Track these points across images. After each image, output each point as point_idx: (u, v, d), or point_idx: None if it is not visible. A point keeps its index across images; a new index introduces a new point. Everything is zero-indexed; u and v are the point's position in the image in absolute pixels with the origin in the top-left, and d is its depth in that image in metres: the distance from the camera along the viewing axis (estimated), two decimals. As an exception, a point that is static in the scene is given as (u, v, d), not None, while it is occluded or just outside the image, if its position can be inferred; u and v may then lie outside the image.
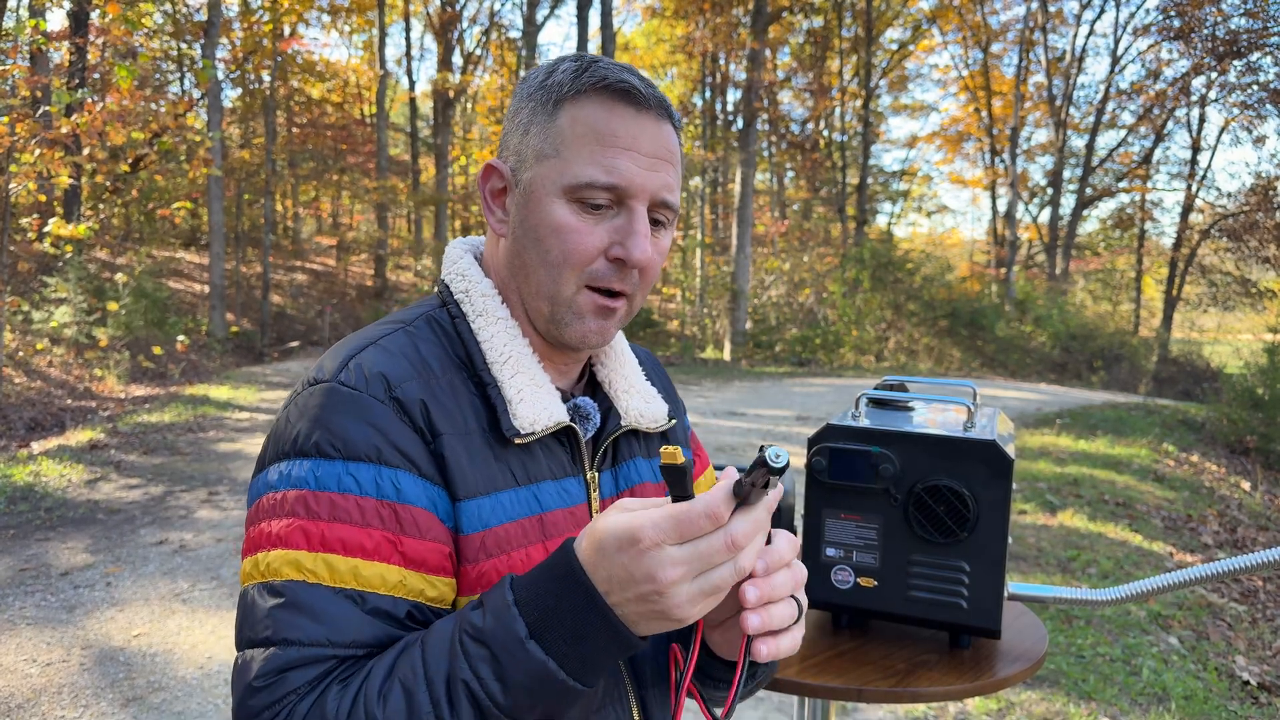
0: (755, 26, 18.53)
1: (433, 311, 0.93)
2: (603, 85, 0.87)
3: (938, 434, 1.23)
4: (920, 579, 1.25)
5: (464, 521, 0.82)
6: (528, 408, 0.87)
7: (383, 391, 0.82)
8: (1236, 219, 20.07)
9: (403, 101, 27.08)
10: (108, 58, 14.58)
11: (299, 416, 0.82)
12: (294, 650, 0.73)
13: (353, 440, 0.79)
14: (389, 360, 0.84)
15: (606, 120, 0.86)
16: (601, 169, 0.85)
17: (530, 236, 0.88)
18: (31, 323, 10.69)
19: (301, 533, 0.77)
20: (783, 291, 20.43)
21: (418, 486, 0.80)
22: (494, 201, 0.93)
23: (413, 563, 0.79)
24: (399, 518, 0.78)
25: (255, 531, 0.80)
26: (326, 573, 0.76)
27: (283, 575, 0.76)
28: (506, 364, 0.88)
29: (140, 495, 5.81)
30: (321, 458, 0.79)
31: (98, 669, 3.42)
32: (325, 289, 21.33)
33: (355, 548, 0.77)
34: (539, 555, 0.85)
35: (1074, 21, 25.32)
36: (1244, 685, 3.69)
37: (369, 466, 0.79)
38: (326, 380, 0.82)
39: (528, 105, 0.90)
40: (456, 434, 0.84)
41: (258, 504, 0.81)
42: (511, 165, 0.91)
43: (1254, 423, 10.16)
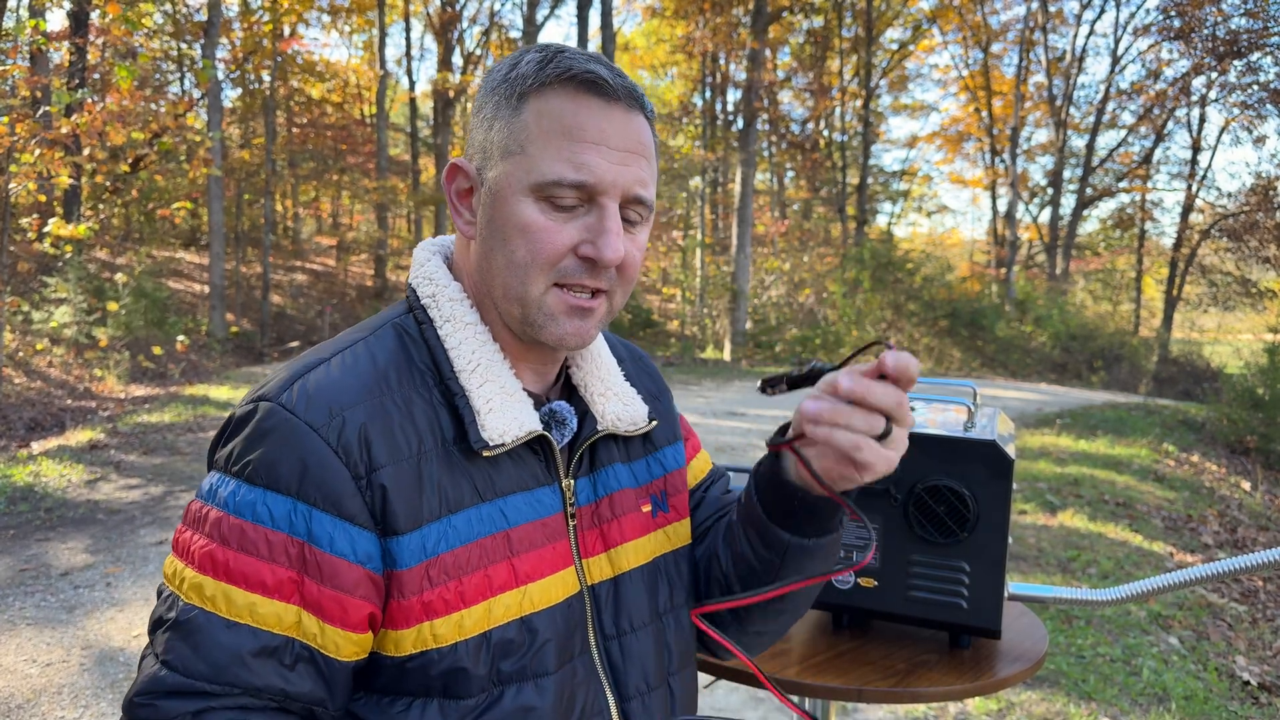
0: (755, 26, 18.53)
1: (399, 319, 0.89)
2: (568, 76, 0.82)
3: (938, 434, 1.23)
4: (920, 579, 1.25)
5: (401, 556, 0.79)
6: (497, 418, 0.84)
7: (322, 419, 0.78)
8: (1237, 219, 20.08)
9: (403, 102, 27.09)
10: (108, 58, 14.59)
11: (237, 430, 0.80)
12: (173, 677, 0.74)
13: (276, 470, 0.76)
14: (337, 381, 0.81)
15: (574, 114, 0.82)
16: (570, 166, 0.81)
17: (497, 237, 0.84)
18: (31, 323, 10.69)
19: (210, 559, 0.76)
20: (783, 291, 20.43)
21: (333, 529, 0.77)
22: (460, 202, 0.89)
23: (311, 606, 0.76)
24: (305, 557, 0.76)
25: (181, 536, 0.80)
26: (224, 605, 0.75)
27: (188, 598, 0.76)
28: (475, 372, 0.85)
29: (140, 495, 5.81)
30: (245, 481, 0.77)
31: (97, 669, 3.41)
32: (325, 289, 21.34)
33: (256, 583, 0.75)
34: (502, 574, 0.82)
35: (1074, 21, 25.36)
36: (1244, 685, 3.69)
37: (286, 500, 0.76)
38: (269, 399, 0.79)
39: (491, 100, 0.86)
40: (406, 459, 0.80)
41: (189, 507, 0.81)
42: (476, 164, 0.87)
43: (1254, 423, 10.16)
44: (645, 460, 1.01)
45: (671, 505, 1.02)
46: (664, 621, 0.96)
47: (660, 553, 0.98)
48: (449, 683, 0.80)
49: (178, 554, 0.79)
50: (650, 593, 0.96)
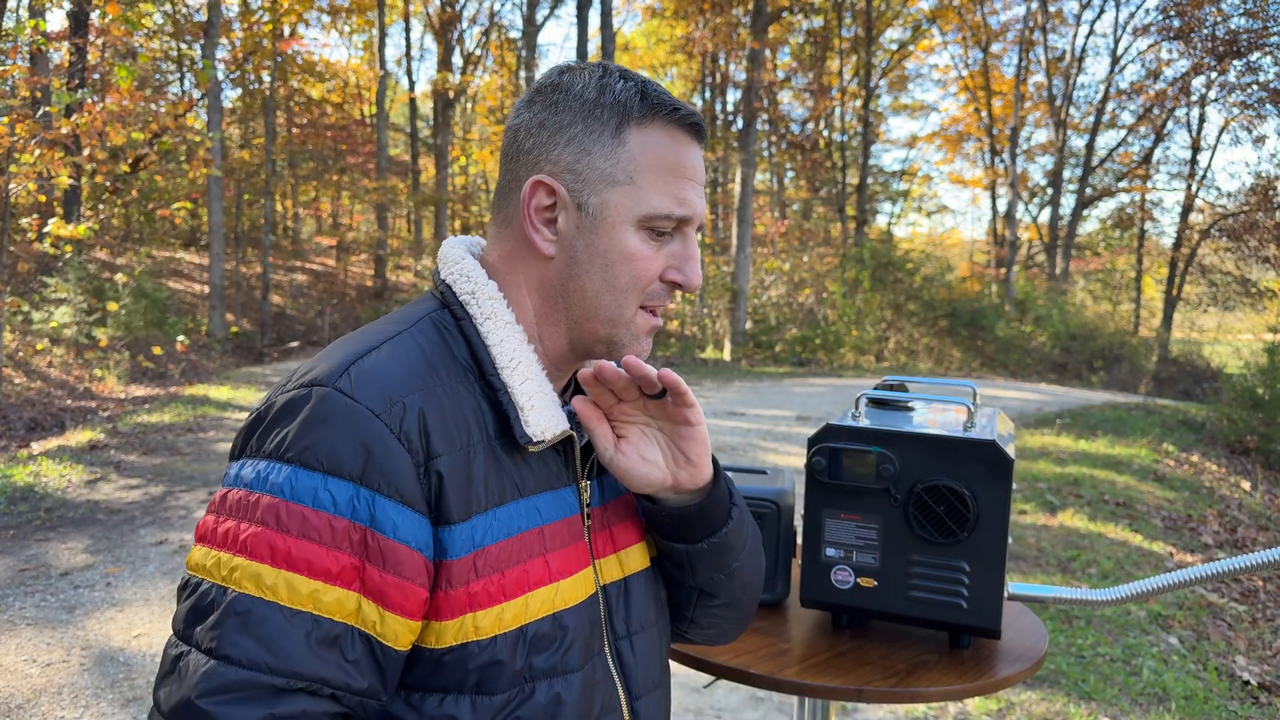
0: (755, 26, 18.54)
1: (435, 313, 0.90)
2: (671, 114, 0.88)
3: (938, 434, 1.23)
4: (920, 579, 1.25)
5: (452, 546, 0.79)
6: (539, 415, 0.85)
7: (381, 405, 0.78)
8: (1236, 219, 20.08)
9: (403, 102, 27.08)
10: (107, 58, 14.58)
11: (287, 416, 0.77)
12: (234, 671, 0.71)
13: (338, 455, 0.75)
14: (391, 368, 0.81)
15: (676, 151, 0.88)
16: (675, 201, 0.88)
17: (598, 261, 0.87)
18: (31, 323, 10.69)
19: (268, 545, 0.74)
20: (783, 291, 20.43)
21: (396, 515, 0.76)
22: (538, 217, 0.89)
23: (372, 593, 0.76)
24: (367, 544, 0.75)
25: (220, 526, 0.76)
26: (286, 593, 0.73)
27: (242, 587, 0.73)
28: (517, 369, 0.86)
29: (140, 495, 5.81)
30: (302, 467, 0.75)
31: (98, 669, 3.41)
32: (325, 289, 21.34)
33: (320, 570, 0.74)
34: (538, 570, 0.84)
35: (1074, 21, 25.35)
36: (1244, 685, 3.69)
37: (348, 485, 0.75)
38: (323, 384, 0.78)
39: (580, 121, 0.87)
40: (459, 449, 0.81)
41: (226, 495, 0.78)
42: (568, 185, 0.87)
43: (1254, 423, 10.16)
44: None
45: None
46: (660, 624, 1.00)
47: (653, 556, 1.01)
48: (483, 678, 0.81)
49: (213, 544, 0.76)
50: (652, 595, 0.99)
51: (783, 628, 1.35)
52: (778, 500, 1.41)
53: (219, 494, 0.79)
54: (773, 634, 1.32)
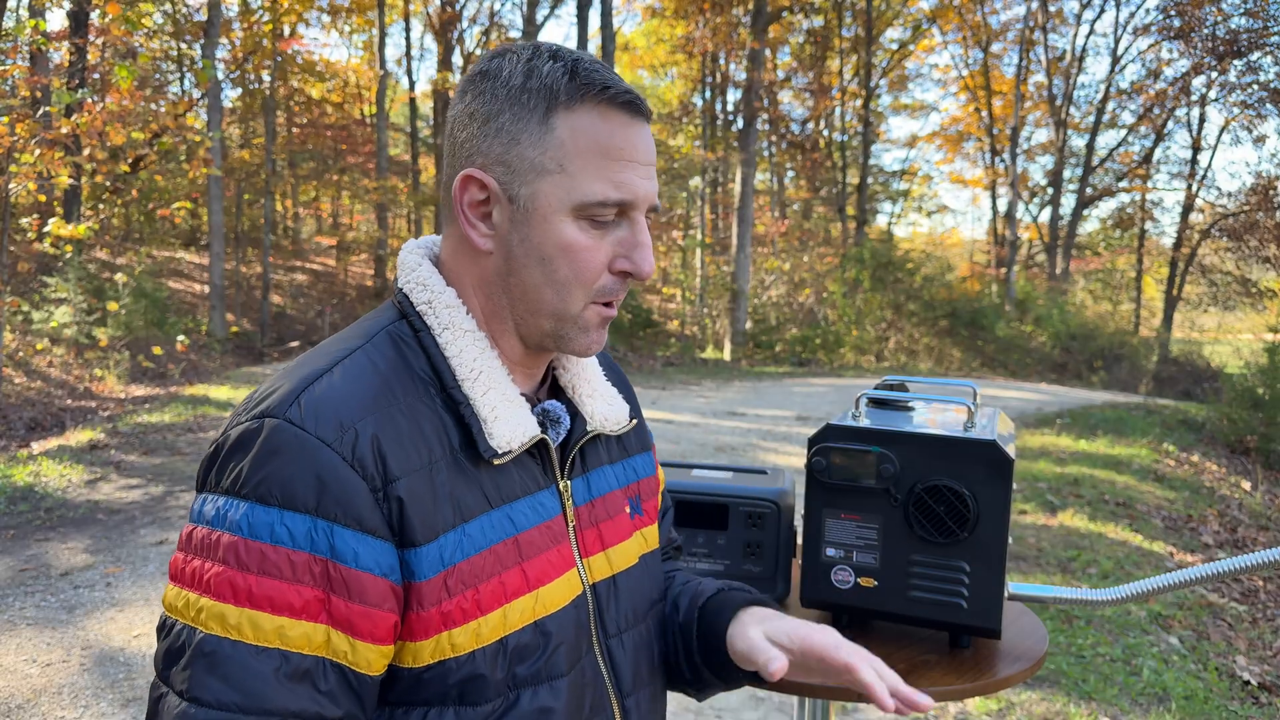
0: (755, 26, 18.54)
1: (392, 326, 0.87)
2: (600, 93, 0.83)
3: (938, 434, 1.23)
4: (920, 579, 1.25)
5: (420, 567, 0.78)
6: (503, 425, 0.84)
7: (333, 433, 0.75)
8: (1237, 218, 20.08)
9: (403, 101, 27.08)
10: (108, 58, 14.59)
11: (240, 450, 0.76)
12: (205, 713, 0.71)
13: (292, 488, 0.74)
14: (343, 391, 0.78)
15: (609, 133, 0.83)
16: (612, 185, 0.83)
17: (534, 255, 0.85)
18: (31, 323, 10.70)
19: (229, 585, 0.73)
20: (783, 291, 20.44)
21: (356, 543, 0.75)
22: (473, 213, 0.86)
23: (340, 623, 0.75)
24: (329, 575, 0.74)
25: (188, 565, 0.76)
26: (250, 631, 0.72)
27: (208, 628, 0.73)
28: (478, 380, 0.84)
29: (140, 495, 5.81)
30: (258, 503, 0.74)
31: (98, 669, 3.42)
32: (325, 289, 21.34)
33: (283, 605, 0.73)
34: (514, 581, 0.83)
35: (1074, 21, 25.39)
36: (1244, 685, 3.69)
37: (305, 518, 0.74)
38: (274, 414, 0.76)
39: (508, 109, 0.83)
40: (418, 469, 0.79)
41: (191, 533, 0.77)
42: (498, 177, 0.84)
43: (1254, 423, 10.16)
44: (624, 463, 1.04)
45: (645, 509, 1.06)
46: (650, 619, 1.00)
47: (641, 553, 1.01)
48: (465, 690, 0.81)
49: (183, 583, 0.75)
50: (644, 591, 0.99)
51: (783, 628, 1.35)
52: (778, 500, 1.41)
53: (185, 530, 0.78)
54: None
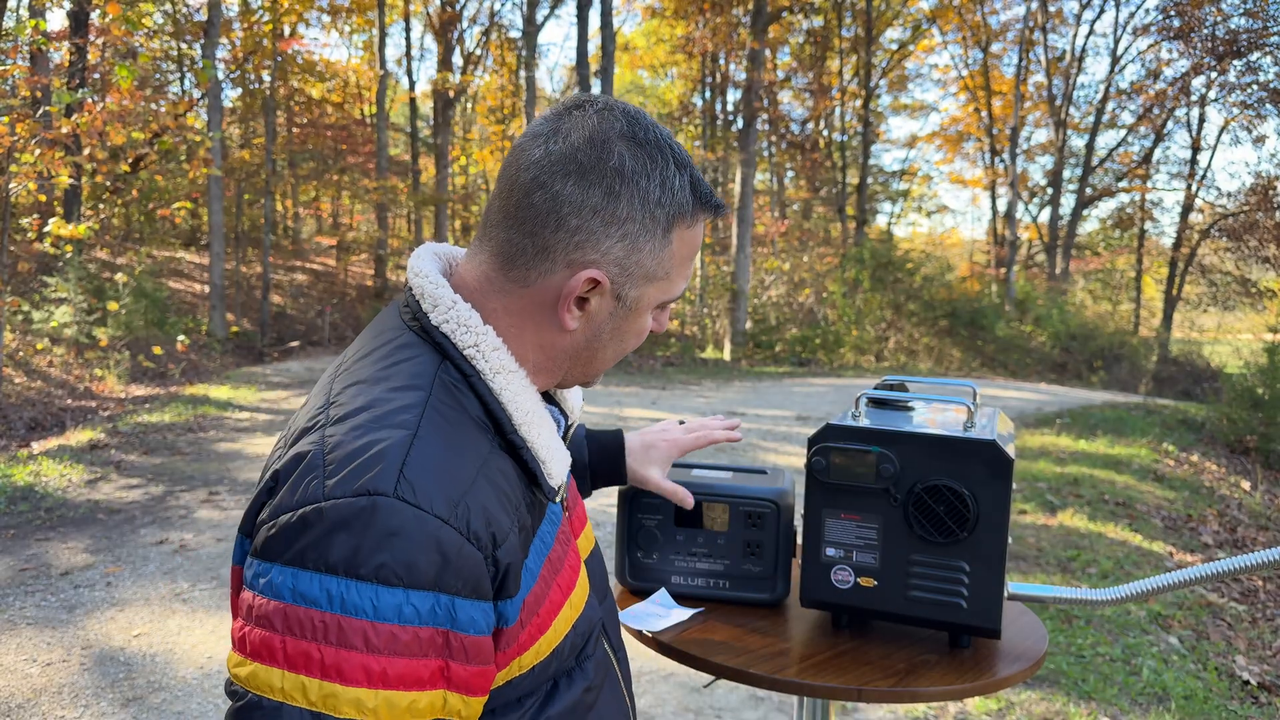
0: (755, 26, 18.54)
1: (441, 371, 0.85)
2: (714, 211, 0.92)
3: (938, 434, 1.24)
4: (920, 579, 1.25)
5: (510, 613, 0.81)
6: (556, 464, 0.88)
7: (446, 509, 0.75)
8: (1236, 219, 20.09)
9: (403, 102, 27.07)
10: (108, 58, 14.59)
11: (349, 527, 0.73)
12: None
13: (415, 567, 0.73)
14: (442, 463, 0.78)
15: (699, 239, 0.93)
16: (684, 280, 0.94)
17: (616, 337, 0.93)
18: (32, 323, 10.70)
19: (363, 670, 0.72)
20: (783, 291, 20.44)
21: (473, 611, 0.77)
22: (575, 300, 0.88)
23: (457, 686, 0.77)
24: (449, 644, 0.76)
25: (288, 645, 0.73)
26: (386, 711, 0.73)
27: (341, 713, 0.72)
28: (531, 423, 0.87)
29: (140, 495, 5.81)
30: (382, 584, 0.72)
31: (98, 669, 3.42)
32: (325, 289, 21.34)
33: (413, 681, 0.74)
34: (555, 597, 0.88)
35: (1074, 21, 25.37)
36: (1244, 685, 3.69)
37: (428, 595, 0.74)
38: (383, 493, 0.74)
39: (638, 219, 0.86)
40: (511, 524, 0.81)
41: (284, 612, 0.73)
42: (613, 277, 0.87)
43: (1254, 422, 10.16)
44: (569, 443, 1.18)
45: None
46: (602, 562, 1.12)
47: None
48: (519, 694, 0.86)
49: (291, 666, 0.72)
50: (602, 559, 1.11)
51: (783, 627, 1.35)
52: (778, 500, 1.41)
53: (268, 606, 0.74)
54: (773, 634, 1.32)
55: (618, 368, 14.63)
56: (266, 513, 0.77)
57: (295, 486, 0.76)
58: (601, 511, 5.57)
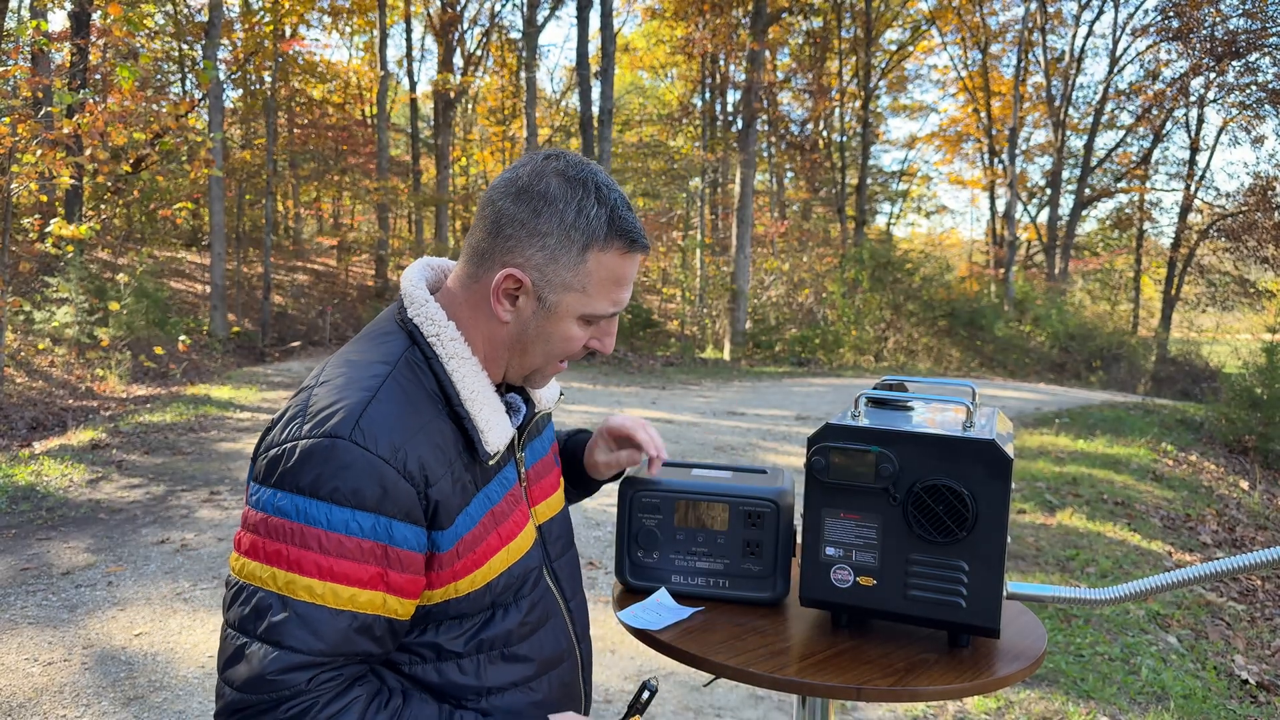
0: (755, 27, 18.54)
1: (408, 351, 1.10)
2: (628, 244, 1.10)
3: (937, 433, 1.24)
4: (919, 578, 1.26)
5: (442, 542, 1.05)
6: (494, 434, 1.10)
7: (389, 451, 1.00)
8: (1235, 219, 20.09)
9: (403, 102, 27.06)
10: (109, 59, 14.59)
11: (315, 460, 0.98)
12: (296, 656, 0.96)
13: (361, 493, 0.98)
14: (390, 418, 1.02)
15: (623, 268, 1.12)
16: (611, 303, 1.13)
17: (541, 337, 1.13)
18: (33, 323, 10.70)
19: (315, 564, 0.97)
20: (782, 291, 20.44)
21: (407, 531, 1.01)
22: (503, 295, 1.11)
23: (394, 590, 1.01)
24: (388, 556, 1.00)
25: (267, 546, 0.98)
26: (331, 598, 0.97)
27: (297, 595, 0.97)
28: (475, 399, 1.09)
29: (142, 495, 5.82)
30: (335, 504, 0.97)
31: (99, 668, 3.43)
32: (326, 289, 21.33)
33: (355, 580, 0.98)
34: (493, 543, 1.11)
35: (1073, 22, 25.32)
36: (1243, 684, 3.70)
37: (369, 515, 0.98)
38: (341, 436, 0.99)
39: (555, 234, 1.08)
40: (444, 475, 1.04)
41: (266, 519, 0.99)
42: (534, 280, 1.09)
43: (1252, 422, 10.17)
44: (548, 430, 1.35)
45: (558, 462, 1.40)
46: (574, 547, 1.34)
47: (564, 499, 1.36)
48: (459, 612, 1.10)
49: (265, 560, 0.98)
50: (567, 526, 1.33)
51: (782, 627, 1.36)
52: (777, 500, 1.42)
53: (256, 516, 1.00)
54: (772, 633, 1.33)
55: (618, 368, 14.63)
56: (263, 448, 1.04)
57: (284, 429, 1.03)
58: (602, 511, 5.58)
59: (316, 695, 0.97)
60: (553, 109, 27.24)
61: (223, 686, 0.99)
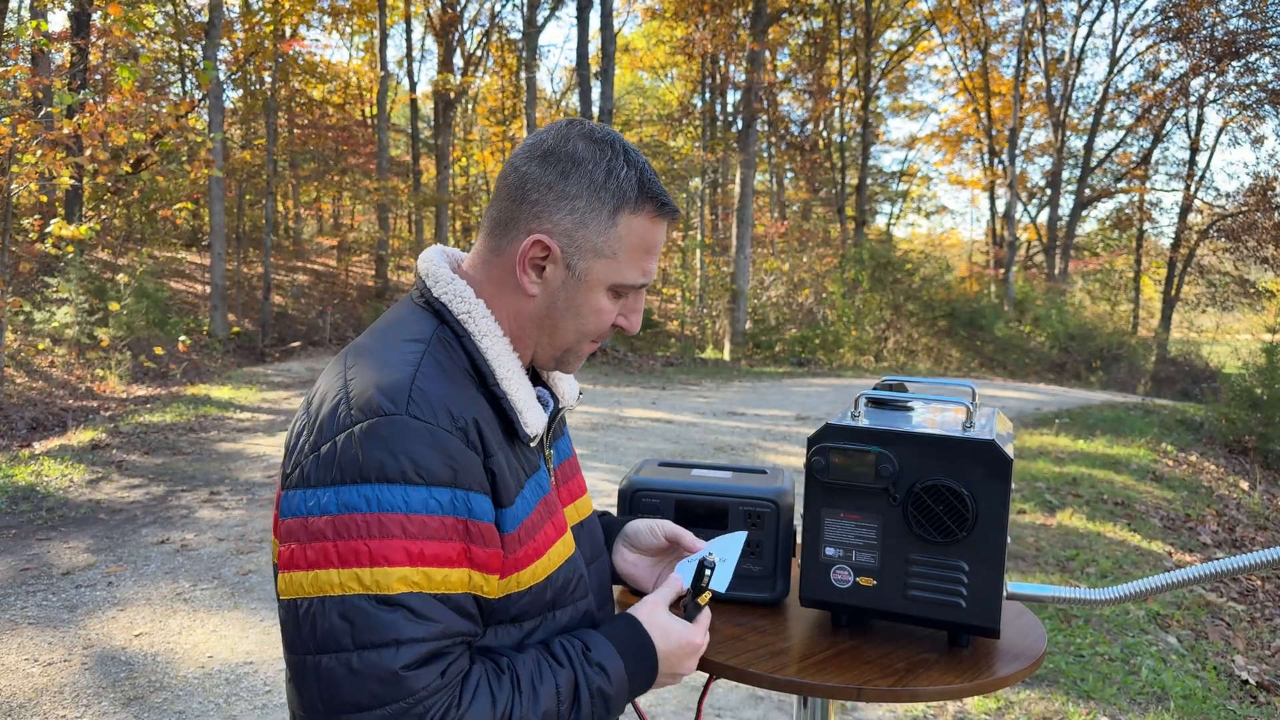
0: (755, 28, 18.54)
1: (439, 330, 1.05)
2: (659, 207, 1.06)
3: (937, 434, 1.24)
4: (919, 578, 1.26)
5: (505, 523, 0.99)
6: (532, 415, 1.05)
7: (449, 422, 0.95)
8: (1235, 219, 20.09)
9: (404, 103, 27.06)
10: (109, 59, 14.59)
11: (373, 444, 0.91)
12: (415, 647, 0.90)
13: (433, 469, 0.92)
14: (443, 389, 0.97)
15: (653, 234, 1.07)
16: (641, 272, 1.07)
17: (571, 310, 1.07)
18: (33, 323, 10.70)
19: (404, 552, 0.90)
20: (782, 292, 20.44)
21: (482, 503, 0.96)
22: (530, 265, 1.05)
23: (478, 566, 0.96)
24: (469, 531, 0.95)
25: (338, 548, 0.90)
26: (426, 582, 0.91)
27: (394, 589, 0.90)
28: (511, 379, 1.04)
29: (142, 495, 5.82)
30: (409, 484, 0.91)
31: (99, 669, 3.42)
32: (326, 289, 21.33)
33: (445, 560, 0.93)
34: (551, 532, 1.06)
35: (1073, 22, 25.32)
36: (1243, 684, 3.70)
37: (447, 490, 0.93)
38: (396, 412, 0.93)
39: (584, 197, 1.03)
40: (499, 449, 0.99)
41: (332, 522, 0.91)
42: (563, 246, 1.04)
43: (1252, 422, 10.16)
44: (567, 433, 1.28)
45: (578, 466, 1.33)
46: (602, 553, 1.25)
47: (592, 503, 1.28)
48: (519, 613, 1.03)
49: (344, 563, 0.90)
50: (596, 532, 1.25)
51: (782, 627, 1.36)
52: (777, 500, 1.42)
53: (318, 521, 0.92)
54: (772, 633, 1.33)
55: (618, 368, 14.61)
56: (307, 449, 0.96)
57: (330, 422, 0.95)
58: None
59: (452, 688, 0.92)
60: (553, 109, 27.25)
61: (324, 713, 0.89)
